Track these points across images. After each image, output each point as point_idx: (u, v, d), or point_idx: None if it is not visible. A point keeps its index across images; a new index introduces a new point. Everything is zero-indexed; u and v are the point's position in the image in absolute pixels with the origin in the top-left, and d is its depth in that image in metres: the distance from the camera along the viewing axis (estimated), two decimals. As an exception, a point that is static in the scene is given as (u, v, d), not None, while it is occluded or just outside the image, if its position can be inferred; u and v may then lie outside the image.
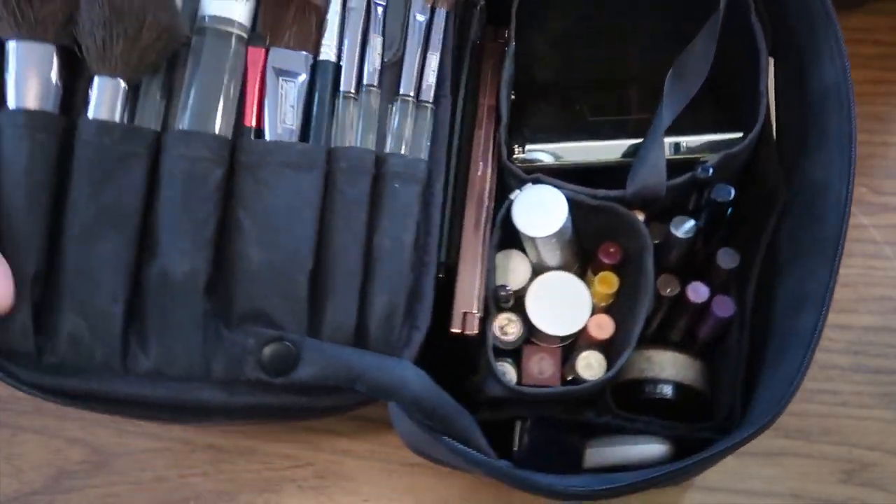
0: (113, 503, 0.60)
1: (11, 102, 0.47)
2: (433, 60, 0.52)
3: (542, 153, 0.58)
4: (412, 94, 0.51)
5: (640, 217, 0.56)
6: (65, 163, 0.47)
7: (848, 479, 0.64)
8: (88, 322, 0.47)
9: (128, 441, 0.61)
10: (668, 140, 0.57)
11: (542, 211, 0.54)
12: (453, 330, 0.52)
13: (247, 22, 0.50)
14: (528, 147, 0.58)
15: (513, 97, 0.60)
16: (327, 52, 0.51)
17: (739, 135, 0.58)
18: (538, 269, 0.58)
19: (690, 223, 0.56)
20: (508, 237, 0.56)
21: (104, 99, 0.47)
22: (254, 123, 0.50)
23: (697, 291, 0.57)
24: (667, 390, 0.58)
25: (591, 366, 0.57)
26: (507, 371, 0.55)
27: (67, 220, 0.47)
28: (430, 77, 0.52)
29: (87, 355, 0.47)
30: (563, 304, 0.57)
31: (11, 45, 0.47)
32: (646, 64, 0.66)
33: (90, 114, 0.47)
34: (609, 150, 0.59)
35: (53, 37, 0.47)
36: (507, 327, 0.56)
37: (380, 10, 0.52)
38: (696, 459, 0.49)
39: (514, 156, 0.58)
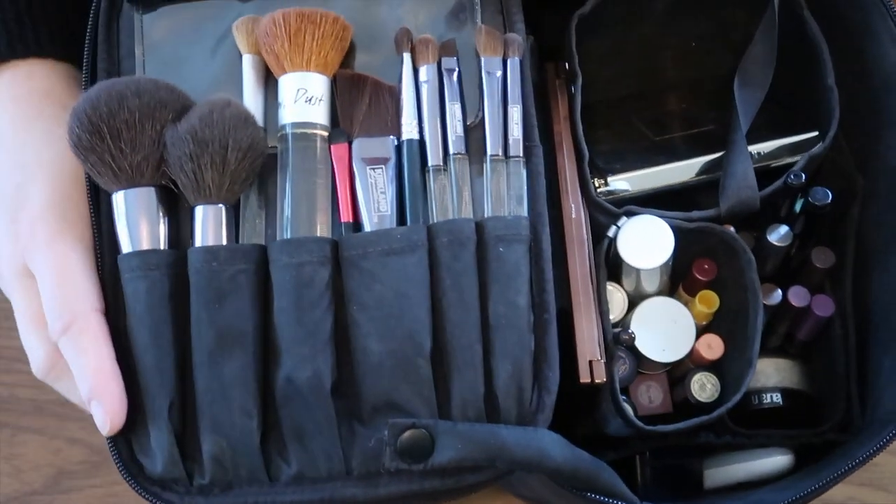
0: (113, 503, 0.59)
1: (126, 247, 0.49)
2: (515, 113, 0.51)
3: (622, 182, 0.58)
4: (500, 152, 0.50)
5: (731, 230, 0.55)
6: (182, 293, 0.48)
7: (848, 479, 0.64)
8: (228, 441, 0.47)
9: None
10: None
11: (647, 242, 0.53)
12: (583, 381, 0.52)
13: (326, 121, 0.50)
14: (609, 178, 0.57)
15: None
16: (409, 130, 0.50)
17: (814, 134, 0.58)
18: (634, 298, 0.58)
19: (785, 230, 0.56)
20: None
21: (208, 226, 0.48)
22: (350, 218, 0.49)
23: (799, 295, 0.57)
24: (776, 398, 0.59)
25: (704, 387, 0.57)
26: (630, 410, 0.55)
27: (193, 347, 0.48)
28: (516, 131, 0.50)
29: (233, 472, 0.48)
30: (667, 329, 0.57)
31: (118, 197, 0.49)
32: (686, 70, 0.66)
33: (197, 242, 0.48)
34: (686, 169, 0.58)
35: (150, 180, 0.48)
36: (619, 366, 0.55)
37: (453, 76, 0.51)
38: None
39: (598, 189, 0.57)
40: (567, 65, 0.58)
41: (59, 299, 0.48)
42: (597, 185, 0.57)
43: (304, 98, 0.49)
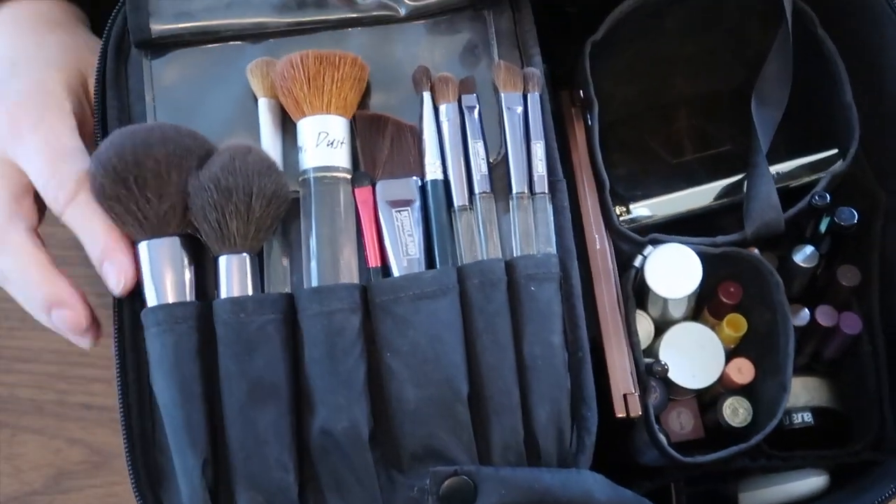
0: (113, 503, 0.58)
1: (151, 300, 0.47)
2: (538, 149, 0.50)
3: (643, 209, 0.57)
4: (525, 189, 0.49)
5: (756, 252, 0.55)
6: (209, 346, 0.46)
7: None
8: (265, 496, 0.46)
9: (127, 441, 0.59)
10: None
11: (674, 270, 0.53)
12: (618, 415, 0.51)
13: (348, 164, 0.49)
14: (631, 206, 0.56)
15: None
16: (433, 170, 0.49)
17: (833, 152, 0.57)
18: (660, 325, 0.57)
19: (810, 250, 0.55)
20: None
21: (232, 275, 0.47)
22: (378, 262, 0.48)
23: (826, 314, 0.56)
24: (807, 417, 0.58)
25: (737, 412, 0.56)
26: (664, 440, 0.54)
27: (224, 401, 0.46)
28: (540, 167, 0.49)
29: None
30: (696, 354, 0.56)
31: (142, 247, 0.47)
32: (699, 86, 0.65)
33: (222, 293, 0.47)
34: (706, 194, 0.58)
35: (175, 229, 0.47)
36: (650, 395, 0.54)
37: (474, 113, 0.50)
38: None
39: (620, 217, 0.56)
40: (582, 92, 0.57)
41: (58, 173, 0.48)
42: (618, 213, 0.56)
43: (326, 142, 0.48)
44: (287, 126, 0.50)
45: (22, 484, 0.58)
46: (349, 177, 0.49)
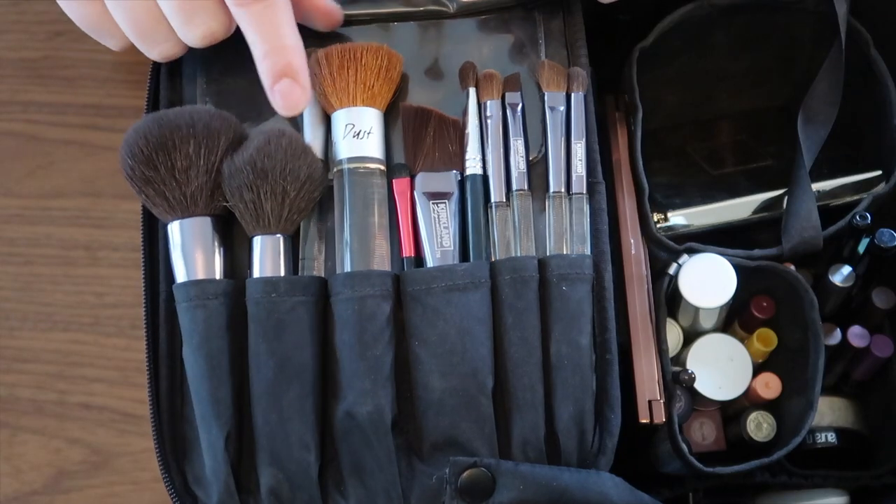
0: (113, 503, 0.57)
1: (182, 276, 0.45)
2: (579, 149, 0.47)
3: (680, 217, 0.54)
4: (563, 189, 0.47)
5: (791, 268, 0.52)
6: (238, 324, 0.45)
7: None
8: (286, 473, 0.44)
9: (128, 441, 0.57)
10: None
11: (709, 281, 0.50)
12: (642, 420, 0.48)
13: (378, 154, 0.47)
14: (669, 214, 0.54)
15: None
16: (472, 165, 0.46)
17: (877, 173, 0.54)
18: (690, 334, 0.54)
19: (848, 270, 0.52)
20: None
21: (266, 256, 0.45)
22: (412, 252, 0.46)
23: (859, 336, 0.53)
24: (831, 437, 0.55)
25: (761, 426, 0.53)
26: (688, 451, 0.51)
27: (251, 378, 0.45)
28: (580, 167, 0.47)
29: None
30: (723, 366, 0.53)
31: (173, 227, 0.45)
32: (745, 102, 0.62)
33: (255, 272, 0.45)
34: (745, 206, 0.55)
35: (204, 209, 0.45)
36: (675, 404, 0.52)
37: (517, 110, 0.47)
38: None
39: (658, 225, 0.53)
40: (627, 97, 0.54)
41: None
42: (656, 220, 0.53)
43: (352, 133, 0.46)
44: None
45: (22, 484, 0.56)
46: (381, 167, 0.46)
